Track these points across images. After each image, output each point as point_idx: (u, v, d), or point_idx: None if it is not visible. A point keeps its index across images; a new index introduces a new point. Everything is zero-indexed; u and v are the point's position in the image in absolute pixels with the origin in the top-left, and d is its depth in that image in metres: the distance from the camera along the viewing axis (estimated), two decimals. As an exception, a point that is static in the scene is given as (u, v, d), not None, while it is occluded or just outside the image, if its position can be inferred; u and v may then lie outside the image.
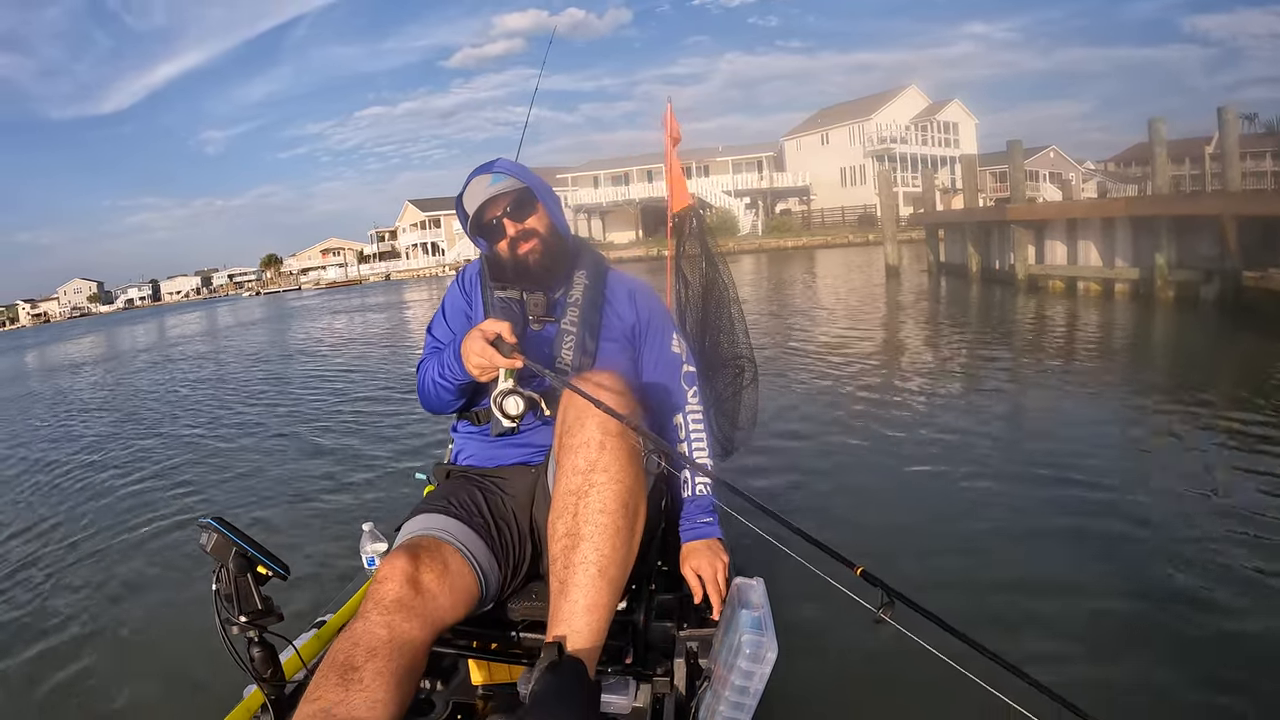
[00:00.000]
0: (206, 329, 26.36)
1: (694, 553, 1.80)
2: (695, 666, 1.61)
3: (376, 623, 1.31)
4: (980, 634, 1.13)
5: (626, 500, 1.39)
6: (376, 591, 1.37)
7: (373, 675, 1.25)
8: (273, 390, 9.41)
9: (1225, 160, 9.90)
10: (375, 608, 1.34)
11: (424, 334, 1.99)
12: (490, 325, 1.59)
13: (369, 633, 1.30)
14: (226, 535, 1.34)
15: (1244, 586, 2.64)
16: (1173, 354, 7.44)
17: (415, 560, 1.41)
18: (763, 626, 1.41)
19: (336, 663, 1.27)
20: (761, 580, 1.58)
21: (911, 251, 22.55)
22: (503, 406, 1.62)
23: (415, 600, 1.36)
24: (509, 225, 1.77)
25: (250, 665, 1.39)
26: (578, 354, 1.79)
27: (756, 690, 1.39)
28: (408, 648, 1.31)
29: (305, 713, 1.23)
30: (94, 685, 2.73)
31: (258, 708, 1.49)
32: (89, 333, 36.24)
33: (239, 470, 5.46)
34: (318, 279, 72.73)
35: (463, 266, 2.03)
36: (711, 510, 1.85)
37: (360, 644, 1.28)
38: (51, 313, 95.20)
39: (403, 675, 1.29)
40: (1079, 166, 51.80)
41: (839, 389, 6.31)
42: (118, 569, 3.80)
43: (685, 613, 1.80)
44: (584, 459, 1.39)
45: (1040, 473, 3.87)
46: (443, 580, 1.44)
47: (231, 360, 13.88)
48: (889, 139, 48.11)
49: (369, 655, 1.27)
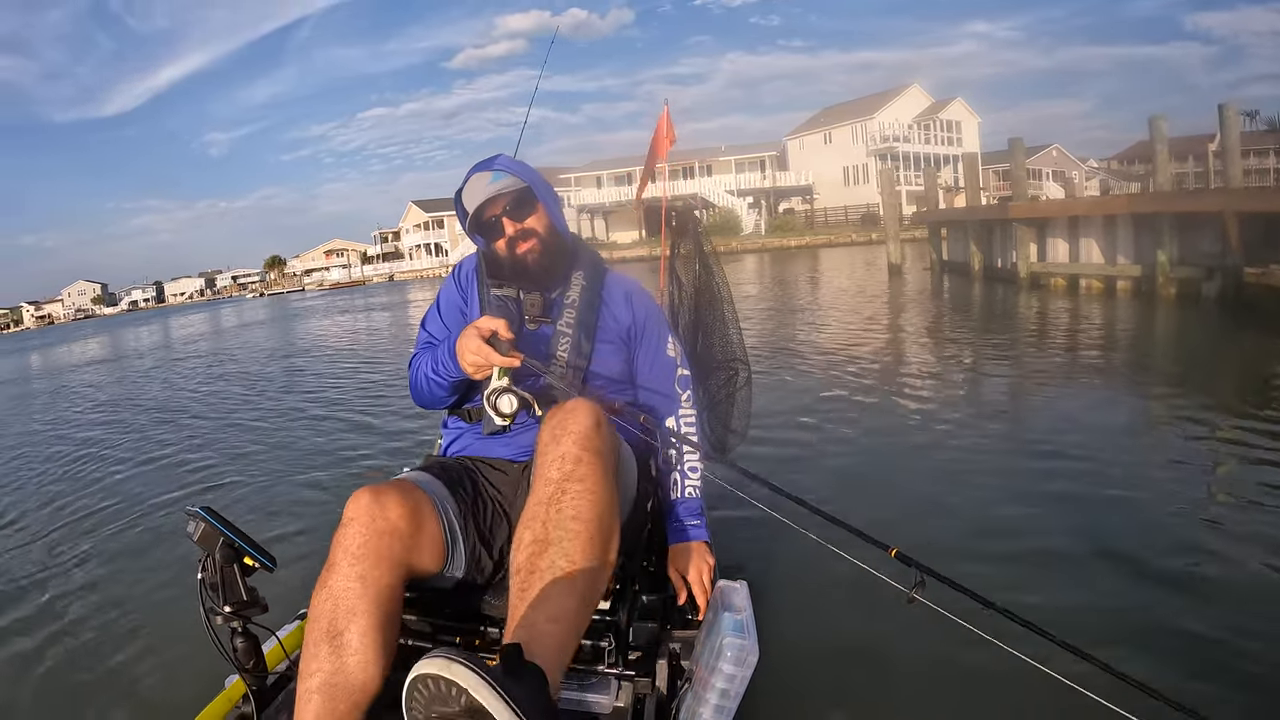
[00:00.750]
0: (211, 329, 26.41)
1: (680, 555, 1.81)
2: (678, 667, 1.62)
3: (348, 575, 1.34)
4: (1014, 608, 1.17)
5: (601, 512, 1.35)
6: (344, 536, 1.39)
7: (359, 636, 1.30)
8: (268, 385, 9.46)
9: (1226, 157, 9.93)
10: (345, 556, 1.36)
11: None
12: (486, 322, 1.58)
13: (345, 590, 1.33)
14: (214, 525, 1.33)
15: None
16: (1176, 349, 7.46)
17: (380, 497, 1.42)
18: (745, 630, 1.43)
19: (321, 629, 1.31)
20: (745, 584, 1.61)
21: (914, 250, 22.58)
22: (496, 405, 1.60)
23: (382, 542, 1.38)
24: (508, 224, 1.75)
25: (233, 655, 1.39)
26: (573, 355, 1.78)
27: (737, 693, 1.41)
28: (384, 596, 1.35)
29: (307, 688, 1.27)
30: (72, 672, 2.72)
31: (239, 698, 1.48)
32: (97, 333, 36.25)
33: (228, 462, 5.49)
34: (321, 280, 72.91)
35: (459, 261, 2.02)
36: (699, 513, 1.86)
37: (340, 605, 1.32)
38: (56, 315, 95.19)
39: (386, 626, 1.34)
40: (1082, 165, 51.76)
41: (849, 382, 6.33)
42: (100, 557, 3.81)
43: (669, 614, 1.80)
44: (558, 470, 1.37)
45: (1041, 461, 3.91)
46: (411, 521, 1.44)
47: (233, 358, 13.92)
48: (892, 138, 48.11)
49: (350, 616, 1.31)
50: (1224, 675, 2.11)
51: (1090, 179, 46.38)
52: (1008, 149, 14.16)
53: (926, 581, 1.21)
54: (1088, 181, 43.57)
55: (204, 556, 1.34)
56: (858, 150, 49.89)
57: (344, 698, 1.27)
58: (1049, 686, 1.32)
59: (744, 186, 50.46)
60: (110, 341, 27.19)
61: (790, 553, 2.92)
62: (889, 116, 49.40)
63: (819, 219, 49.05)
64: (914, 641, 2.29)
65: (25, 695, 2.60)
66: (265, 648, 1.47)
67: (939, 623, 1.33)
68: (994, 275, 14.19)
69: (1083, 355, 7.04)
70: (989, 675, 2.05)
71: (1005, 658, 1.31)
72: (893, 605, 1.32)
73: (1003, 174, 39.01)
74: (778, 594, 2.68)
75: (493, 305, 1.80)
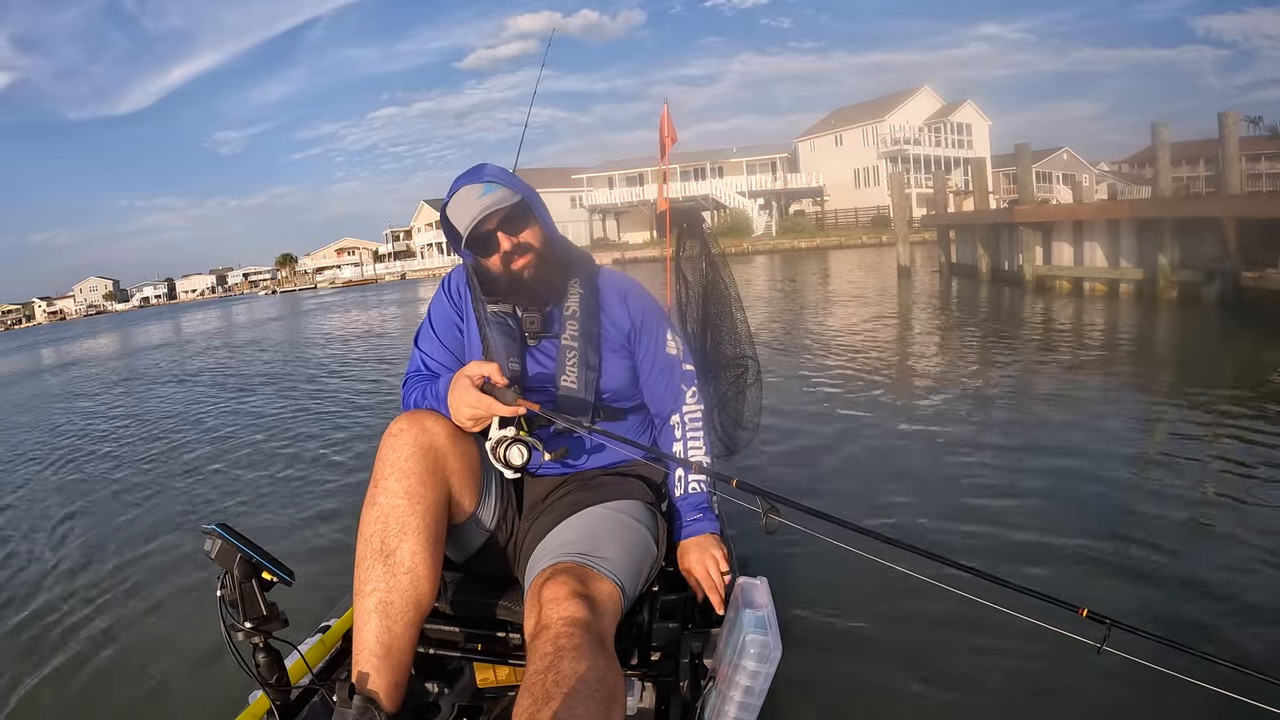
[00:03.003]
0: (223, 326, 26.35)
1: (688, 551, 1.77)
2: (700, 666, 1.61)
3: (395, 492, 1.42)
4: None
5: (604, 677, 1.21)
6: (389, 450, 1.46)
7: (409, 554, 1.40)
8: (282, 392, 9.26)
9: (1225, 163, 10.11)
10: (392, 471, 1.44)
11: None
12: (476, 368, 1.48)
13: (393, 507, 1.42)
14: (231, 541, 1.33)
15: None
16: (1180, 350, 7.67)
17: (424, 416, 1.51)
18: (767, 626, 1.41)
19: (374, 548, 1.40)
20: (765, 579, 1.59)
21: (924, 252, 22.63)
22: (506, 458, 1.51)
23: (427, 457, 1.45)
24: (503, 239, 1.64)
25: (255, 671, 1.38)
26: (581, 369, 1.72)
27: (762, 690, 1.40)
28: (430, 514, 1.43)
29: (364, 607, 1.38)
30: (98, 691, 2.71)
31: (263, 713, 1.46)
32: (110, 329, 36.08)
33: (243, 476, 5.41)
34: (333, 278, 73.32)
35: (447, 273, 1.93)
36: (704, 506, 1.81)
37: (390, 524, 1.41)
38: (68, 310, 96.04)
39: (432, 543, 1.43)
40: (1093, 168, 51.60)
41: (874, 380, 6.54)
42: (122, 574, 3.77)
43: (689, 613, 1.78)
44: (553, 646, 1.24)
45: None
46: (451, 441, 1.51)
47: (245, 360, 13.75)
48: (903, 140, 48.17)
49: (400, 535, 1.40)
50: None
51: (1100, 182, 46.29)
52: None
53: (1112, 631, 1.22)
54: (1098, 185, 43.53)
55: (222, 573, 1.33)
56: (868, 152, 49.96)
57: (399, 616, 1.37)
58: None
59: (755, 188, 50.49)
60: (122, 338, 27.12)
61: (811, 552, 2.98)
62: (900, 119, 49.43)
63: (829, 221, 49.12)
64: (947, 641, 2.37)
65: (49, 717, 2.62)
66: (288, 662, 1.46)
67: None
68: (1001, 278, 14.40)
69: (1087, 354, 7.24)
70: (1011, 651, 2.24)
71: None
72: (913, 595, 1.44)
73: (1012, 177, 39.07)
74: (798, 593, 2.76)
75: (491, 324, 1.73)
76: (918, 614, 2.53)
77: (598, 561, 1.44)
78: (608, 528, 1.58)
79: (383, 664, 1.34)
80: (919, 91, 52.02)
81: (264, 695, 1.42)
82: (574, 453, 1.74)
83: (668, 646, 1.66)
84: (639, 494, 1.75)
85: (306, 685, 1.55)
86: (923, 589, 1.49)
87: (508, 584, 1.68)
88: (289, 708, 1.45)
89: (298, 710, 1.49)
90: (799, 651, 2.26)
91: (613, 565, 1.46)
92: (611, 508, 1.65)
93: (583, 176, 54.87)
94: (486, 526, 1.64)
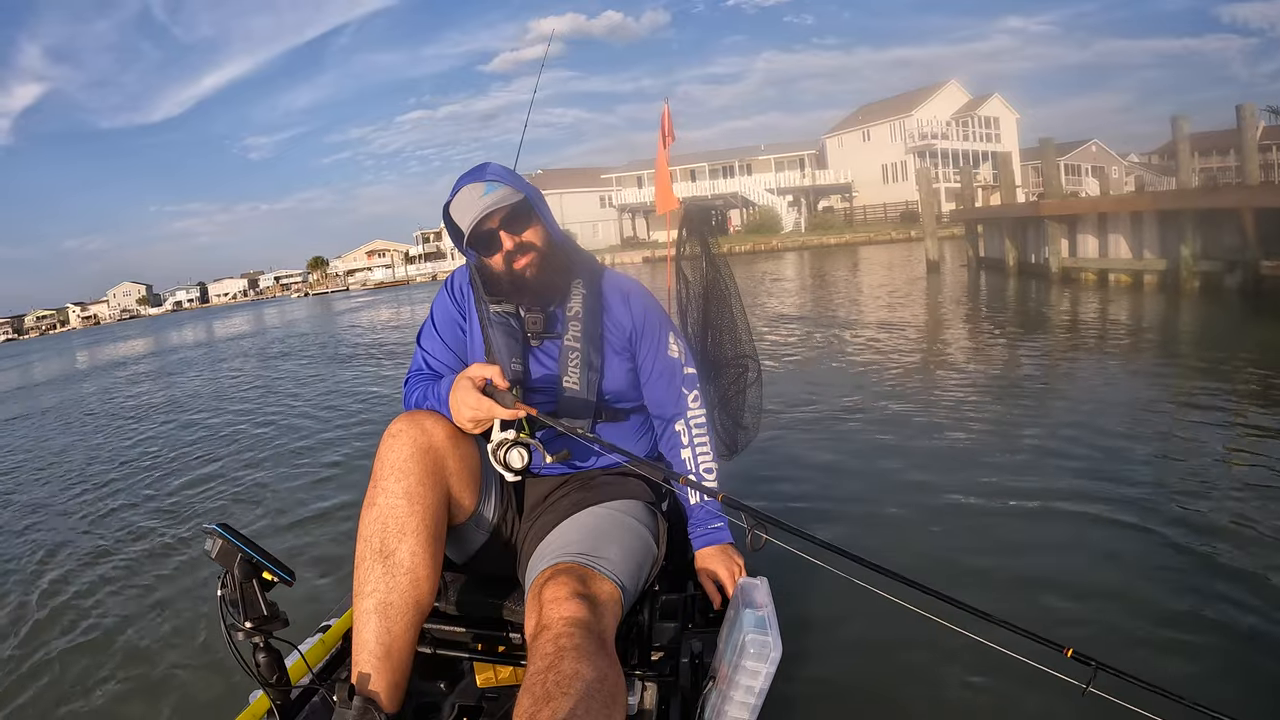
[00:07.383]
0: (254, 328, 26.20)
1: (709, 558, 1.76)
2: (700, 666, 1.61)
3: (394, 492, 1.42)
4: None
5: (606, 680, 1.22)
6: (389, 450, 1.46)
7: (409, 554, 1.40)
8: (291, 395, 9.15)
9: (1244, 155, 10.30)
10: (391, 471, 1.44)
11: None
12: (477, 370, 1.48)
13: (392, 508, 1.42)
14: (231, 541, 1.32)
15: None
16: (1201, 337, 7.77)
17: (423, 417, 1.51)
18: (767, 626, 1.41)
19: (373, 548, 1.40)
20: (765, 579, 1.59)
21: (952, 247, 22.77)
22: (506, 461, 1.51)
23: (426, 458, 1.46)
24: (505, 238, 1.63)
25: (256, 671, 1.37)
26: (584, 370, 1.71)
27: (762, 689, 1.39)
28: (429, 514, 1.43)
29: (364, 608, 1.38)
30: (98, 691, 2.70)
31: (264, 713, 1.46)
32: (143, 333, 35.37)
33: (246, 476, 5.39)
34: (365, 280, 74.02)
35: (449, 274, 1.93)
36: (721, 514, 1.80)
37: (390, 524, 1.41)
38: (101, 315, 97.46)
39: (432, 543, 1.43)
40: (1122, 160, 51.00)
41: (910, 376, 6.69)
42: (122, 574, 3.77)
43: (690, 613, 1.80)
44: (554, 646, 1.26)
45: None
46: (451, 441, 1.50)
47: (268, 363, 13.64)
48: (930, 135, 48.13)
49: (400, 535, 1.40)
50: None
51: (1130, 174, 45.82)
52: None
53: (1098, 674, 1.22)
54: (1127, 177, 43.18)
55: (223, 573, 1.34)
56: (896, 148, 49.95)
57: (399, 616, 1.37)
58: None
59: (784, 185, 50.70)
60: (155, 342, 26.73)
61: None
62: (927, 114, 49.38)
63: (858, 217, 49.14)
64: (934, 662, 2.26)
65: (47, 716, 2.60)
66: (288, 662, 1.45)
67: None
68: (1028, 270, 14.60)
69: (1112, 344, 7.45)
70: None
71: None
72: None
73: (1040, 170, 38.93)
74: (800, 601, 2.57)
75: (494, 324, 1.72)
76: (901, 641, 2.34)
77: (598, 562, 1.46)
78: (608, 528, 1.60)
79: (382, 664, 1.35)
80: (946, 86, 51.89)
81: (264, 695, 1.43)
82: (575, 454, 1.74)
83: (668, 646, 1.68)
84: (639, 494, 1.77)
85: (306, 685, 1.55)
86: (908, 616, 1.45)
87: (508, 584, 1.69)
88: (289, 708, 1.44)
89: (298, 710, 1.49)
90: (799, 652, 2.27)
91: (613, 565, 1.48)
92: (612, 508, 1.67)
93: (611, 176, 55.33)
94: (487, 526, 1.66)
